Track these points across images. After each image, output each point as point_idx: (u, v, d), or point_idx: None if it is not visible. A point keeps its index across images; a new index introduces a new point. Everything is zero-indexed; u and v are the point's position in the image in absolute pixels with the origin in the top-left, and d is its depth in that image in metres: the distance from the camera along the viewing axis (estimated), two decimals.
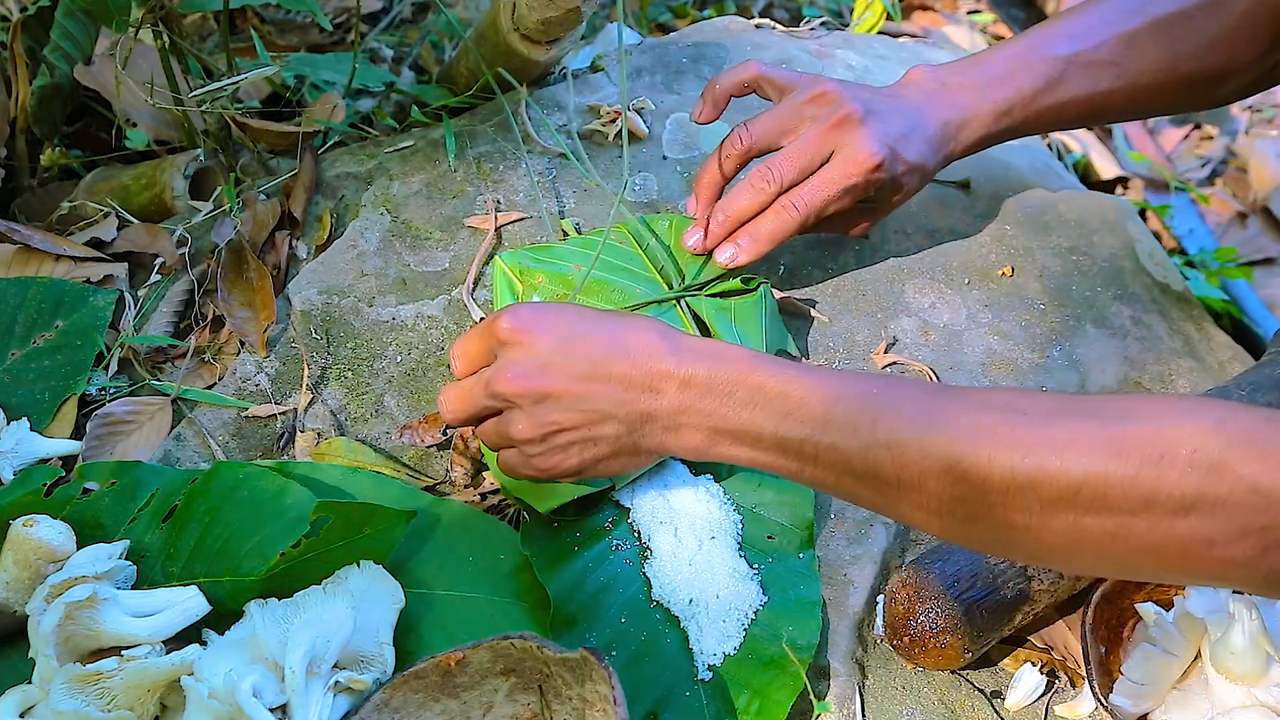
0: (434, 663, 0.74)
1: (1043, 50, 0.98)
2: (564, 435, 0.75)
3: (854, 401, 0.68)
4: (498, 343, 0.76)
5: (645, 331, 0.74)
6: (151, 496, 0.84)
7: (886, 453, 0.66)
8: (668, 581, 0.84)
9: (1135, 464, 0.60)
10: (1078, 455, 0.61)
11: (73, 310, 0.99)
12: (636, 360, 0.73)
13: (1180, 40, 0.96)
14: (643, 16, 1.65)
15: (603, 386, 0.73)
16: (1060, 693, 0.86)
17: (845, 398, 0.68)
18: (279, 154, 1.17)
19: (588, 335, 0.74)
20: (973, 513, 0.64)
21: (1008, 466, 0.62)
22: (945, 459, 0.64)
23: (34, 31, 1.16)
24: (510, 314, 0.75)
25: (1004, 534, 0.65)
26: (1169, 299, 1.14)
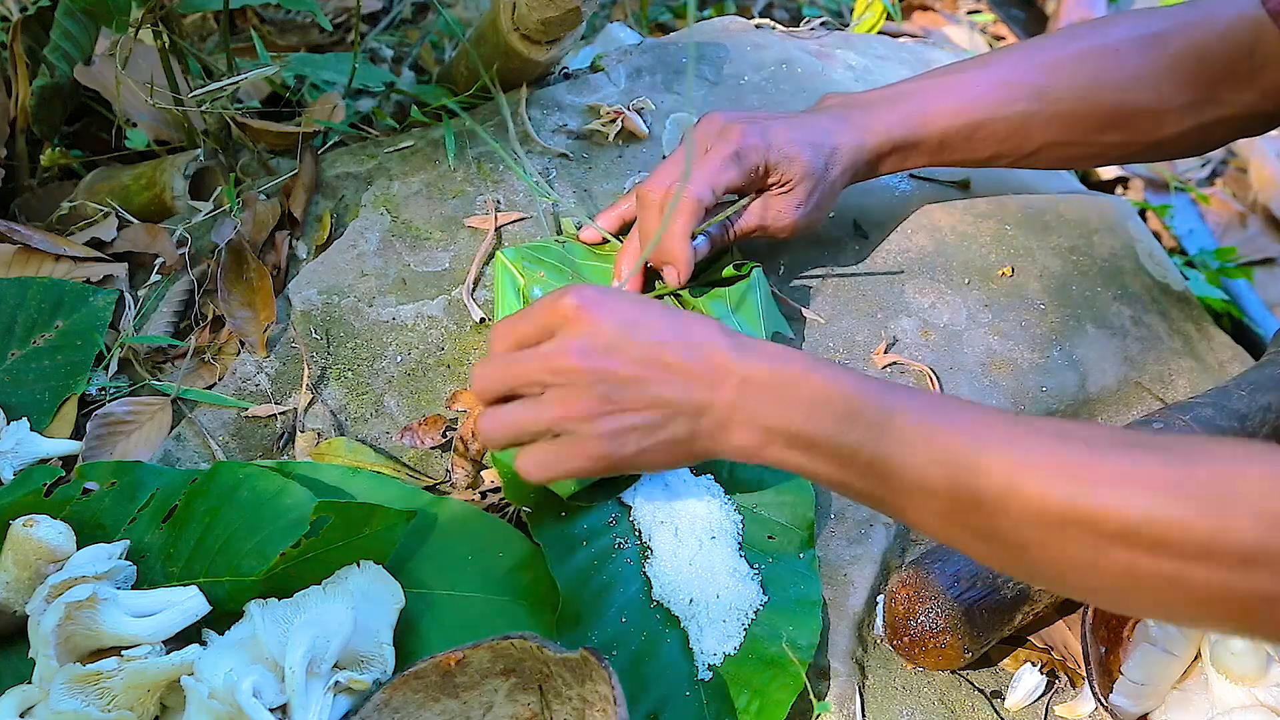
0: (434, 663, 0.74)
1: (957, 72, 0.97)
2: (625, 418, 0.72)
3: (912, 413, 0.66)
4: (561, 319, 0.73)
5: (707, 325, 0.73)
6: (151, 496, 0.84)
7: (939, 470, 0.64)
8: (668, 581, 0.84)
9: (1196, 508, 0.57)
10: (1138, 492, 0.59)
11: (73, 310, 0.99)
12: (698, 351, 0.71)
13: (1106, 71, 0.94)
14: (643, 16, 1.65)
15: (665, 374, 0.71)
16: (1060, 693, 0.86)
17: (902, 410, 0.66)
18: (279, 154, 1.17)
19: (651, 321, 0.72)
20: (1024, 541, 0.62)
21: (1065, 498, 0.60)
22: (1001, 484, 0.62)
23: (34, 31, 1.16)
24: (576, 292, 0.73)
25: (1056, 568, 0.63)
26: (1169, 299, 1.14)
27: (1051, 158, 1.00)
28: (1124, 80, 0.94)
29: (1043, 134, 0.96)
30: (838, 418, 0.67)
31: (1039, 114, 0.95)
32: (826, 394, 0.68)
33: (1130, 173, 1.63)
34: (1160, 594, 0.60)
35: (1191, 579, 0.58)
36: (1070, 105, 0.95)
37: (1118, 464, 0.60)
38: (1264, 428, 0.95)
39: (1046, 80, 0.95)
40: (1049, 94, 0.95)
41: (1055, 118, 0.95)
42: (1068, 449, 0.62)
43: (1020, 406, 1.01)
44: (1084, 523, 0.60)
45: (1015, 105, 0.95)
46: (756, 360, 0.70)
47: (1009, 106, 0.95)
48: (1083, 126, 0.96)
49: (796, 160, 0.93)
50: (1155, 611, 0.65)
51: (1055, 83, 0.95)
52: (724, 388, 0.71)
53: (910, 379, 1.00)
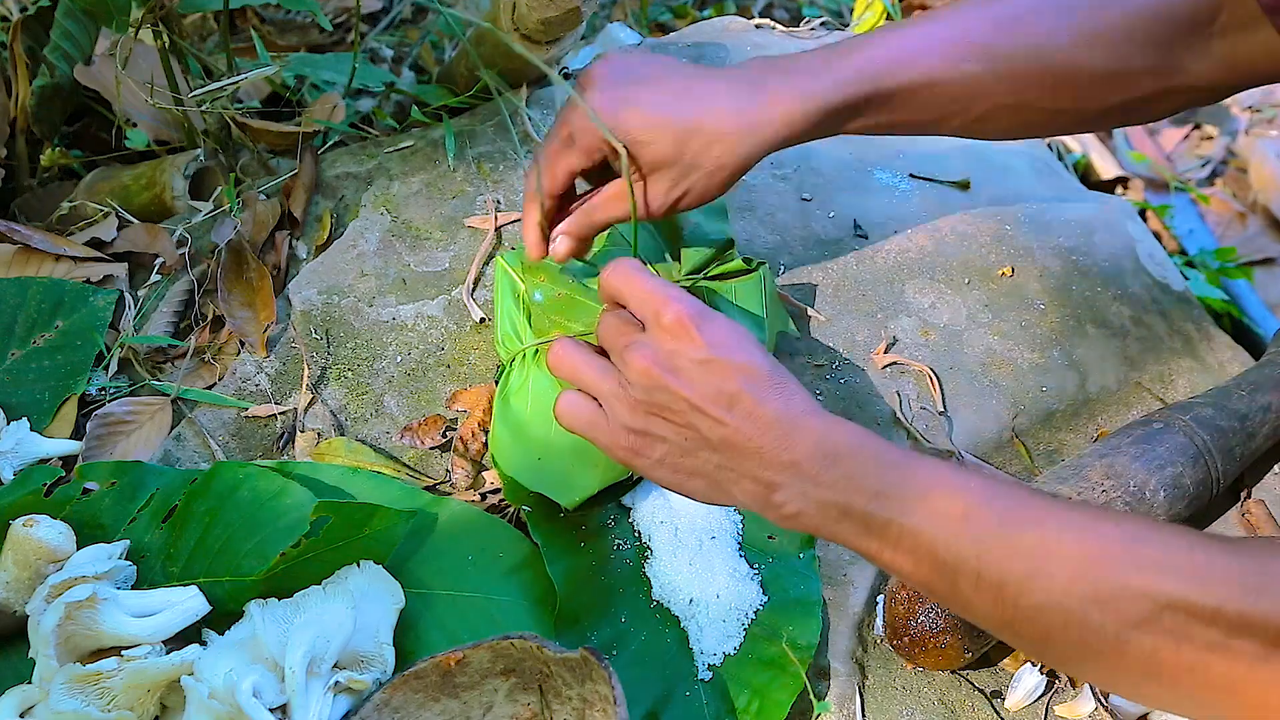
0: (434, 663, 0.74)
1: (895, 30, 0.90)
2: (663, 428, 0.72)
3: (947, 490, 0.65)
4: (656, 320, 0.72)
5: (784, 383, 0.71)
6: (151, 496, 0.84)
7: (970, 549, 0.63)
8: (668, 581, 0.84)
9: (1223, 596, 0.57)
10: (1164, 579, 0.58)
11: (73, 310, 0.99)
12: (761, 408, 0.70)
13: (1055, 31, 0.88)
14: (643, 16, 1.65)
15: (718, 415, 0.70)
16: (1060, 693, 0.86)
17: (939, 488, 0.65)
18: (279, 154, 1.17)
19: (737, 362, 0.70)
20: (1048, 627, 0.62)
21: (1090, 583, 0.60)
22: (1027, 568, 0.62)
23: (34, 31, 1.16)
24: (686, 304, 0.71)
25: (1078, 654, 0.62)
26: (1169, 299, 1.14)
27: (1000, 123, 0.93)
28: (1076, 40, 0.88)
29: (990, 96, 0.89)
30: (874, 493, 0.67)
31: (987, 74, 0.88)
32: (867, 467, 0.67)
33: (1130, 173, 1.63)
34: (1180, 685, 0.59)
35: (1211, 667, 0.57)
36: (1020, 65, 0.88)
37: (1149, 548, 0.60)
38: (1264, 428, 0.95)
39: (996, 39, 0.88)
40: (998, 53, 0.88)
41: (1004, 78, 0.88)
42: (1093, 534, 0.61)
43: (1020, 406, 1.01)
44: (1111, 602, 0.59)
45: (963, 65, 0.88)
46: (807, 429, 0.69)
47: (955, 67, 0.88)
48: (1033, 88, 0.89)
49: (648, 148, 0.84)
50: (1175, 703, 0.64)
51: (1005, 42, 0.88)
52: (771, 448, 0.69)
53: (910, 379, 1.01)
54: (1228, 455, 0.92)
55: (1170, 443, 0.90)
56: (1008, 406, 1.01)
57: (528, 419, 0.88)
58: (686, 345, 0.71)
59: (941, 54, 0.88)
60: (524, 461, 0.86)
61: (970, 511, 0.64)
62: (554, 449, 0.86)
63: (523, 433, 0.87)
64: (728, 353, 0.70)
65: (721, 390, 0.70)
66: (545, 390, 0.88)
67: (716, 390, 0.70)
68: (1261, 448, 0.96)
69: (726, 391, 0.70)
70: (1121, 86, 0.90)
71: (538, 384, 0.88)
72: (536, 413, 0.88)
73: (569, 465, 0.85)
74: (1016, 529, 0.63)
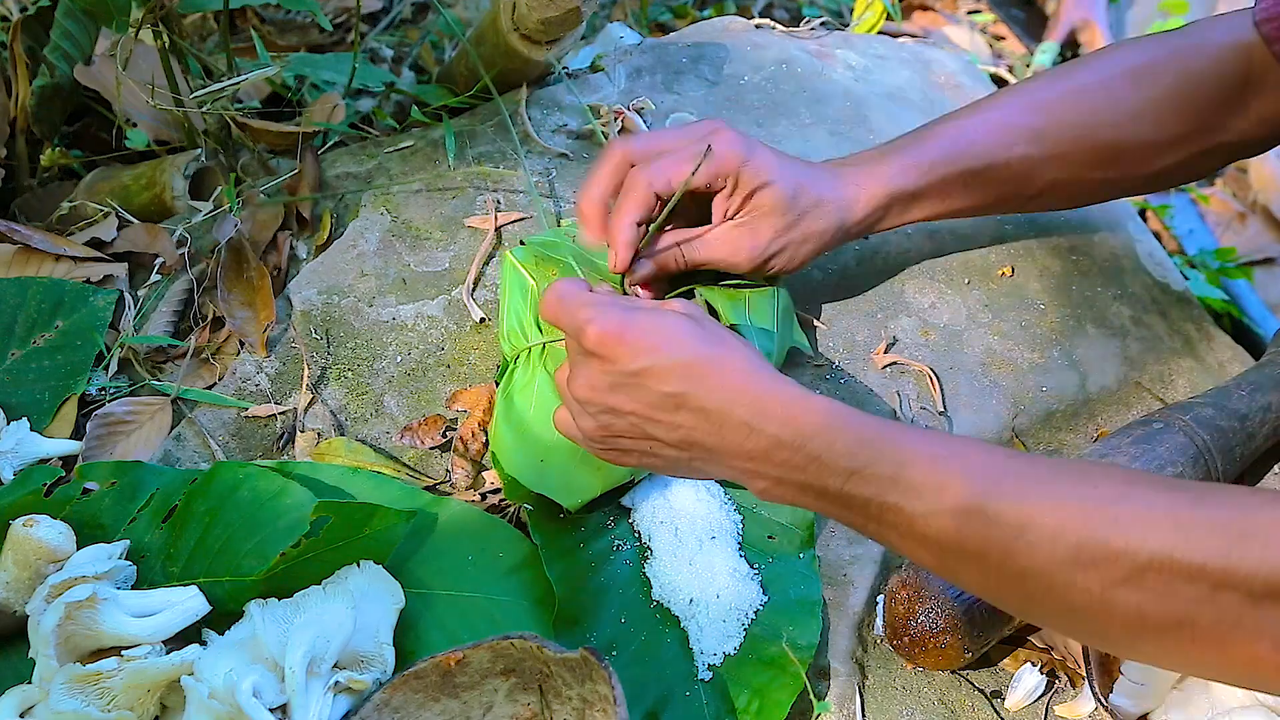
0: (434, 663, 0.74)
1: (949, 120, 0.96)
2: (621, 443, 0.75)
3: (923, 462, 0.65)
4: (581, 347, 0.74)
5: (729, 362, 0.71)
6: (151, 496, 0.84)
7: (949, 521, 0.64)
8: (668, 581, 0.84)
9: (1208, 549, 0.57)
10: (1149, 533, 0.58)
11: (73, 310, 0.99)
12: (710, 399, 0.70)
13: (1100, 108, 0.93)
14: (643, 16, 1.65)
15: (669, 420, 0.71)
16: (1060, 693, 0.86)
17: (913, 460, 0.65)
18: (279, 154, 1.17)
19: (669, 361, 0.70)
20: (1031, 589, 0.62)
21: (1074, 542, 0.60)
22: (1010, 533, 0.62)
23: (34, 31, 1.16)
24: (600, 320, 0.72)
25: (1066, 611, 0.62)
26: (1169, 299, 1.14)
27: (1053, 198, 0.99)
28: (1119, 115, 0.93)
29: (1043, 176, 0.95)
30: (849, 472, 0.67)
31: (1038, 156, 0.94)
32: (837, 448, 0.67)
33: None
34: (1166, 639, 0.59)
35: (1198, 620, 0.58)
36: (1069, 144, 0.94)
37: (1129, 506, 0.60)
38: (1264, 428, 0.95)
39: (1044, 121, 0.94)
40: (1047, 134, 0.94)
41: (1054, 158, 0.94)
42: (1077, 492, 0.62)
43: (1020, 406, 1.01)
44: (1092, 565, 0.59)
45: (1014, 149, 0.93)
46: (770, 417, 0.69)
47: (1008, 150, 0.93)
48: (1082, 164, 0.95)
49: (771, 188, 0.87)
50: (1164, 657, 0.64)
51: (1054, 122, 0.94)
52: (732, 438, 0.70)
53: (910, 379, 1.00)
54: (1228, 455, 0.92)
55: (1170, 443, 0.90)
56: (1008, 406, 1.01)
57: (531, 419, 0.88)
58: (614, 363, 0.71)
59: (998, 139, 0.93)
60: (526, 462, 0.86)
61: (947, 483, 0.64)
62: (557, 450, 0.86)
63: (526, 433, 0.87)
64: (657, 356, 0.70)
65: (664, 395, 0.70)
66: (550, 394, 0.88)
67: (659, 396, 0.70)
68: (1261, 448, 0.96)
69: (669, 394, 0.70)
70: (1167, 153, 0.95)
71: (544, 385, 0.88)
72: (540, 413, 0.88)
73: (571, 467, 0.85)
74: (995, 498, 0.63)
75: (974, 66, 1.43)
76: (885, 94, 1.27)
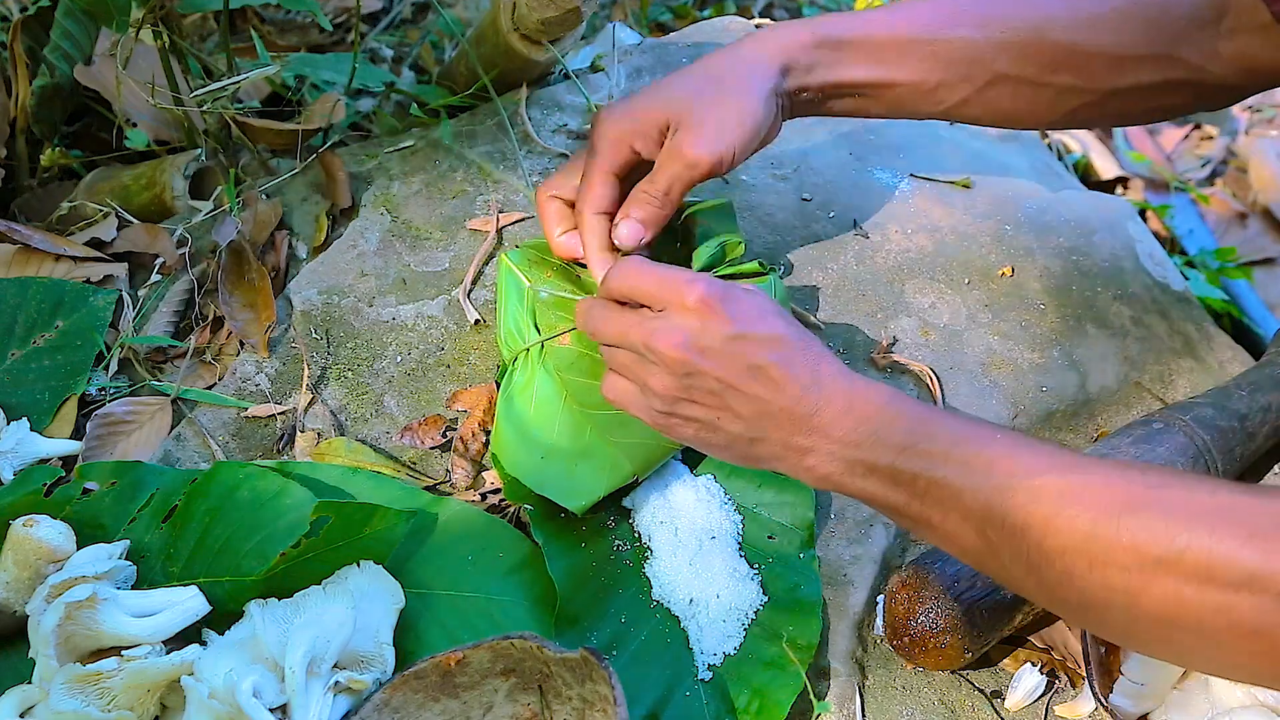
0: (434, 663, 0.74)
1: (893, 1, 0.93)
2: (693, 409, 0.75)
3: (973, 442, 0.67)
4: (680, 302, 0.74)
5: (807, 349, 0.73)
6: (151, 496, 0.84)
7: (994, 495, 0.64)
8: (668, 581, 0.84)
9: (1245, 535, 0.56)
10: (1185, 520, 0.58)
11: (73, 310, 0.99)
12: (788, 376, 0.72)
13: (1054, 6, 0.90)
14: (643, 16, 1.65)
15: (749, 390, 0.73)
16: (1060, 693, 0.86)
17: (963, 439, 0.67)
18: (279, 154, 1.17)
19: (761, 336, 0.73)
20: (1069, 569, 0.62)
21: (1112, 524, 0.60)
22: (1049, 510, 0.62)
23: (34, 31, 1.16)
24: (706, 283, 0.74)
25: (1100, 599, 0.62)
26: (1169, 299, 1.14)
27: (1003, 100, 0.93)
28: (1079, 18, 0.90)
29: (990, 64, 0.91)
30: (901, 447, 0.69)
31: (984, 42, 0.90)
32: (895, 424, 0.70)
33: (1130, 172, 1.63)
34: (1203, 628, 0.59)
35: (1237, 608, 0.57)
36: (1017, 35, 0.90)
37: (1167, 493, 0.60)
38: (1264, 427, 0.95)
39: (991, 10, 0.90)
40: (994, 22, 0.90)
41: (1003, 47, 0.90)
42: (1119, 478, 0.62)
43: (1020, 406, 1.01)
44: (1129, 549, 0.59)
45: (959, 29, 0.90)
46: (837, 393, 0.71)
47: (952, 29, 0.90)
48: (1032, 61, 0.91)
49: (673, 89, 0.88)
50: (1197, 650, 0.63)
51: (1001, 13, 0.90)
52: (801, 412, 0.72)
53: (910, 379, 1.01)
54: (1228, 455, 0.92)
55: (1170, 443, 0.90)
56: (1008, 406, 1.01)
57: (531, 419, 0.88)
58: (714, 323, 0.73)
59: (934, 14, 0.90)
60: (528, 463, 0.86)
61: (995, 461, 0.65)
62: (558, 452, 0.86)
63: (526, 435, 0.87)
64: (753, 326, 0.73)
65: (751, 364, 0.72)
66: (550, 394, 0.88)
67: (747, 365, 0.72)
68: (1261, 448, 0.96)
69: (756, 364, 0.72)
70: (1123, 69, 0.91)
71: (543, 386, 0.88)
72: (540, 414, 0.88)
73: (573, 469, 0.85)
74: (1041, 474, 0.64)
75: None
76: None
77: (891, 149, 1.20)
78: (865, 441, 0.70)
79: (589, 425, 0.86)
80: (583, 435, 0.86)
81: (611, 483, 0.85)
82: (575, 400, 0.87)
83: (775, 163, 1.16)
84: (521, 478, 0.85)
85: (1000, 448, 0.66)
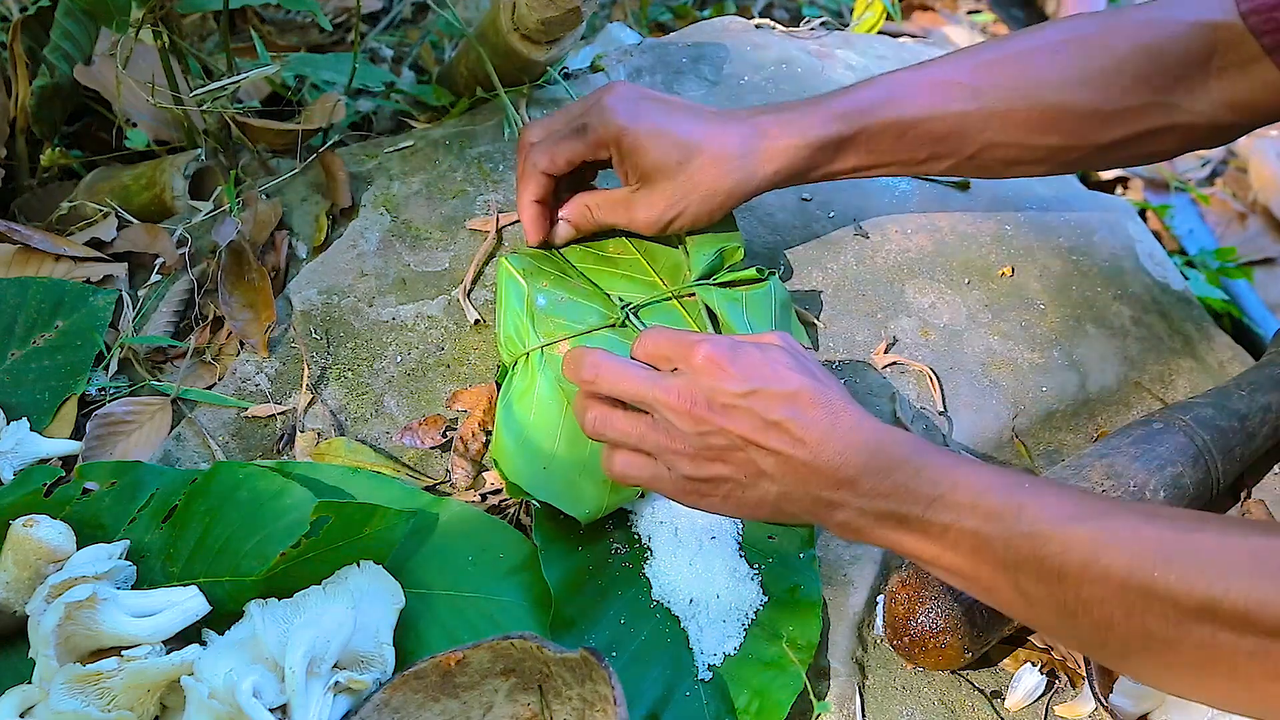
0: (434, 663, 0.74)
1: (886, 75, 0.94)
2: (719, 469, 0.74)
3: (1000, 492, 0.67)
4: (689, 365, 0.74)
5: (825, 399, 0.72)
6: (151, 496, 0.84)
7: (1027, 544, 0.65)
8: (668, 581, 0.84)
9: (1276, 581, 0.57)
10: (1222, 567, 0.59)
11: (73, 310, 0.99)
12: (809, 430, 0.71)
13: (1045, 71, 0.91)
14: (643, 16, 1.65)
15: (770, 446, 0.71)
16: (1060, 693, 0.86)
17: (991, 489, 0.67)
18: (279, 154, 1.17)
19: (774, 391, 0.72)
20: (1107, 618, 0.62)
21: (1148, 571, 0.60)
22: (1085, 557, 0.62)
23: (34, 31, 1.16)
24: (712, 343, 0.74)
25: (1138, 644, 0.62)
26: (1169, 299, 1.14)
27: (993, 161, 0.95)
28: (1065, 79, 0.91)
29: (980, 135, 0.92)
30: (930, 499, 0.68)
31: (975, 113, 0.91)
32: (922, 475, 0.69)
33: (1130, 173, 1.63)
34: (1238, 673, 0.59)
35: (1273, 653, 0.58)
36: (1007, 104, 0.91)
37: (1202, 539, 0.61)
38: (1264, 428, 0.95)
39: (983, 80, 0.91)
40: (985, 93, 0.91)
41: (993, 117, 0.91)
42: (1151, 525, 0.62)
43: (1020, 406, 1.01)
44: (1166, 597, 0.60)
45: (951, 104, 0.91)
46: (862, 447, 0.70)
47: (945, 106, 0.91)
48: (1022, 127, 0.92)
49: (652, 154, 0.89)
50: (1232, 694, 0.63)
51: (992, 82, 0.91)
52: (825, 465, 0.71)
53: (910, 379, 1.01)
54: (1228, 455, 0.92)
55: (1170, 443, 0.90)
56: (1008, 406, 1.01)
57: (532, 427, 0.87)
58: (723, 382, 0.72)
59: (930, 93, 0.92)
60: (529, 470, 0.86)
61: (1024, 509, 0.65)
62: (559, 460, 0.86)
63: (527, 443, 0.87)
64: (764, 382, 0.72)
65: (767, 420, 0.71)
66: (549, 399, 0.88)
67: (763, 421, 0.71)
68: (1261, 448, 0.96)
69: (772, 420, 0.71)
70: (1113, 124, 0.92)
71: (543, 392, 0.88)
72: (541, 420, 0.88)
73: (575, 477, 0.85)
74: (1074, 522, 0.64)
75: None
76: None
77: None
78: (894, 494, 0.69)
79: None
80: (584, 445, 0.86)
81: (615, 499, 0.85)
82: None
83: None
84: (522, 484, 0.85)
85: (1027, 495, 0.66)
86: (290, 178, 1.13)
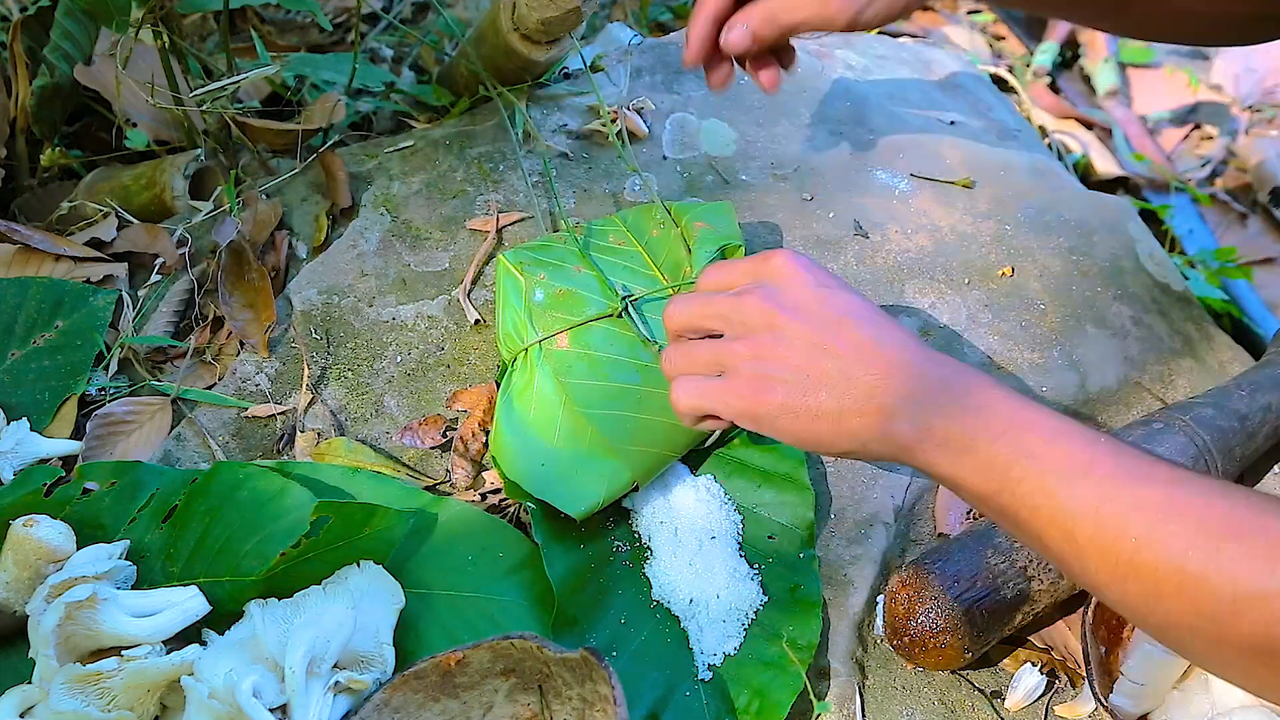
0: (434, 663, 0.74)
1: None
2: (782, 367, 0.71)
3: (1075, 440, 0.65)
4: (768, 271, 0.75)
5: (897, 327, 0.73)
6: (151, 496, 0.84)
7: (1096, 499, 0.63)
8: (668, 581, 0.84)
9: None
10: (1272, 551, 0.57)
11: (73, 310, 0.99)
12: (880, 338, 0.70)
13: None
14: (643, 16, 1.65)
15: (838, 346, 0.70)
16: (1060, 693, 0.86)
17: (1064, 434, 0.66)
18: (279, 154, 1.17)
19: (848, 299, 0.73)
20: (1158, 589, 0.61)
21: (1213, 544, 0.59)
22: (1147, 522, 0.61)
23: (34, 31, 1.16)
24: (787, 253, 0.75)
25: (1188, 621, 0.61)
26: (1169, 299, 1.14)
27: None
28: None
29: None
30: (1000, 432, 0.66)
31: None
32: (996, 407, 0.67)
33: (1130, 173, 1.63)
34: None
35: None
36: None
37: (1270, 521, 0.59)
38: (1264, 428, 0.95)
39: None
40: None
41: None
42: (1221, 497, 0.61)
43: None
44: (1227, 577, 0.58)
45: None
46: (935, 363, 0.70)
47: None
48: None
49: None
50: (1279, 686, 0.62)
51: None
52: (896, 377, 0.69)
53: None
54: (1228, 455, 0.92)
55: (1170, 443, 0.90)
56: None
57: (531, 423, 0.88)
58: (798, 282, 0.73)
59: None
60: (528, 469, 0.86)
61: (1097, 461, 0.64)
62: (558, 457, 0.86)
63: (526, 439, 0.87)
64: (836, 290, 0.73)
65: (841, 321, 0.71)
66: (550, 396, 0.88)
67: (836, 321, 0.71)
68: (1261, 448, 0.96)
69: (845, 323, 0.71)
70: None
71: (542, 389, 0.88)
72: (540, 417, 0.88)
73: (574, 474, 0.85)
74: (1143, 484, 0.62)
75: (974, 66, 1.44)
76: (885, 94, 1.27)
77: (891, 149, 1.20)
78: (967, 418, 0.67)
79: (589, 429, 0.86)
80: (583, 439, 0.86)
81: (611, 490, 0.85)
82: (575, 403, 0.87)
83: (775, 163, 1.16)
84: (521, 481, 0.85)
85: (1102, 449, 0.64)
86: (290, 178, 1.13)
